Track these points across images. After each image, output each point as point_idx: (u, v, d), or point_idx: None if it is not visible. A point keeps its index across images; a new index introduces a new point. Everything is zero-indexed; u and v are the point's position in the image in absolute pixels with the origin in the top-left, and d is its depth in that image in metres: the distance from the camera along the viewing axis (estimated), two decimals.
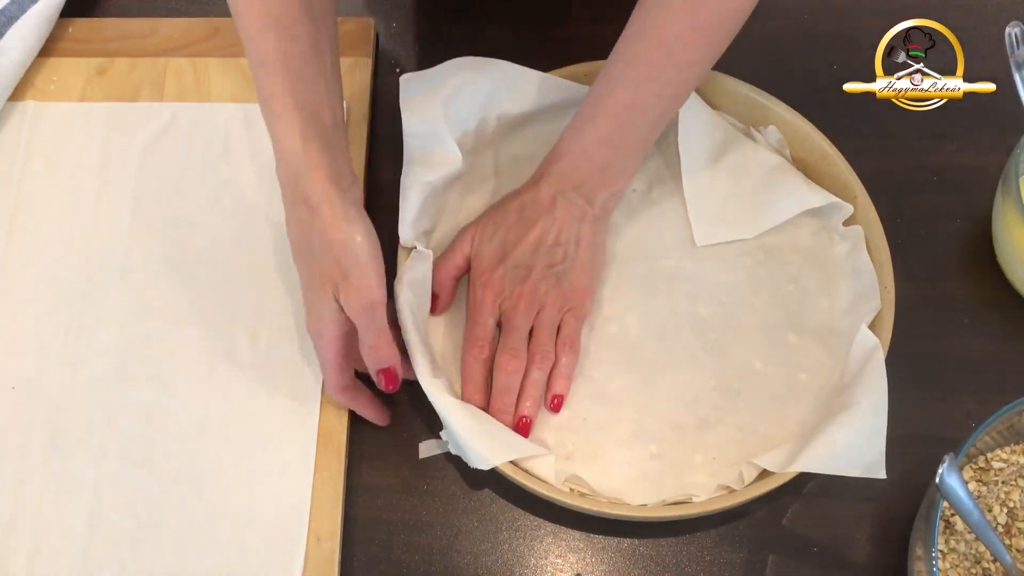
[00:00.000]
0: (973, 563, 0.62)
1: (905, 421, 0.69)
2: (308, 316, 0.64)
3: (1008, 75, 0.68)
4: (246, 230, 0.74)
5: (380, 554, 0.66)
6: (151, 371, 0.69)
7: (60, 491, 0.66)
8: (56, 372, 0.69)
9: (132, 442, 0.67)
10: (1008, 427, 0.63)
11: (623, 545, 0.67)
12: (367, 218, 0.62)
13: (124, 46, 0.80)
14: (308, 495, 0.66)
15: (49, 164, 0.76)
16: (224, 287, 0.72)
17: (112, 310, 0.71)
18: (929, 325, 0.72)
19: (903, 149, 0.78)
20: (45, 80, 0.79)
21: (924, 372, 0.71)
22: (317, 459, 0.67)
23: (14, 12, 0.77)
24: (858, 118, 0.76)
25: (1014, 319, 0.72)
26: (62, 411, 0.68)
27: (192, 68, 0.79)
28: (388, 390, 0.65)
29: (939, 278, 0.74)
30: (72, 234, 0.74)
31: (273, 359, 0.70)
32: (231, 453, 0.67)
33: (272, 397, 0.69)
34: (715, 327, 0.70)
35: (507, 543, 0.67)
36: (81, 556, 0.64)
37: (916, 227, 0.75)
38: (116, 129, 0.77)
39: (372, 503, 0.68)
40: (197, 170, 0.76)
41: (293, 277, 0.71)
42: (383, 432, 0.69)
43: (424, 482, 0.68)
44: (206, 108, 0.78)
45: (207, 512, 0.66)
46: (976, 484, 0.64)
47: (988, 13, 0.82)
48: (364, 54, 0.79)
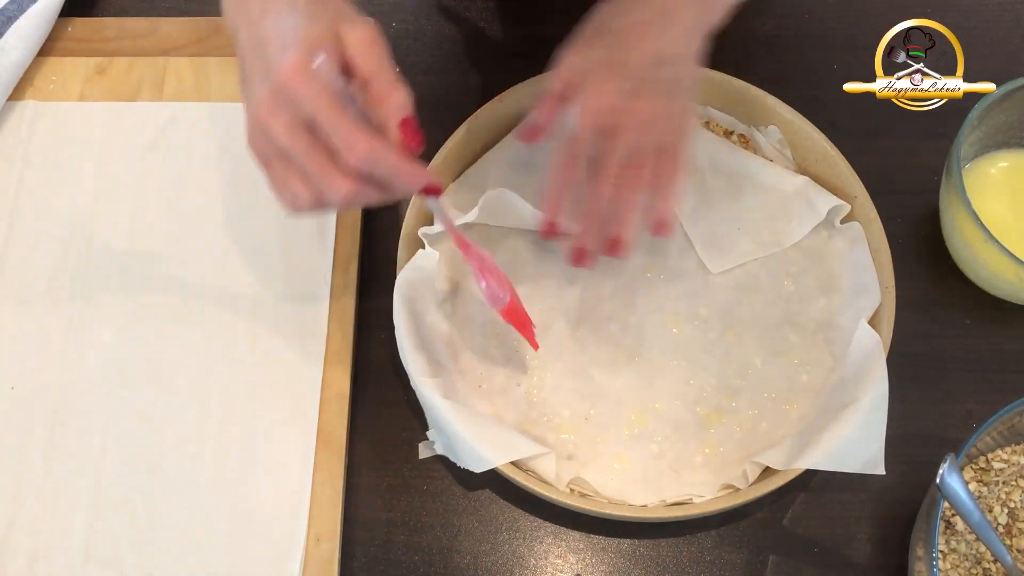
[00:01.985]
0: (973, 563, 0.62)
1: (905, 421, 0.69)
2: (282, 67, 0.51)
3: (1008, 75, 0.68)
4: (246, 230, 0.74)
5: (380, 554, 0.66)
6: (151, 371, 0.69)
7: (59, 491, 0.66)
8: (56, 372, 0.69)
9: (131, 442, 0.67)
10: (1009, 427, 0.63)
11: (623, 545, 0.67)
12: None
13: (124, 46, 0.80)
14: (307, 495, 0.66)
15: (49, 164, 0.76)
16: (224, 287, 0.72)
17: (112, 310, 0.71)
18: (929, 325, 0.72)
19: (903, 149, 0.78)
20: (45, 80, 0.79)
21: (924, 372, 0.71)
22: (317, 459, 0.67)
23: (14, 12, 0.77)
24: (858, 118, 0.76)
25: (1014, 319, 0.72)
26: (61, 411, 0.68)
27: (192, 68, 0.79)
28: (412, 147, 0.53)
29: (939, 278, 0.74)
30: (72, 234, 0.74)
31: (273, 359, 0.70)
32: (230, 453, 0.67)
33: (271, 397, 0.69)
34: (715, 326, 0.70)
35: (507, 543, 0.67)
36: (81, 556, 0.64)
37: (916, 227, 0.75)
38: (116, 129, 0.77)
39: (372, 503, 0.68)
40: (197, 170, 0.76)
41: (293, 277, 0.72)
42: (383, 432, 0.69)
43: (424, 482, 0.68)
44: (206, 108, 0.78)
45: (206, 512, 0.66)
46: (977, 484, 0.64)
47: (988, 13, 0.82)
48: None
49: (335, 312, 0.71)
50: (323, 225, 0.73)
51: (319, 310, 0.71)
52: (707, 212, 0.73)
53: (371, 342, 0.72)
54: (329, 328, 0.70)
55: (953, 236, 0.70)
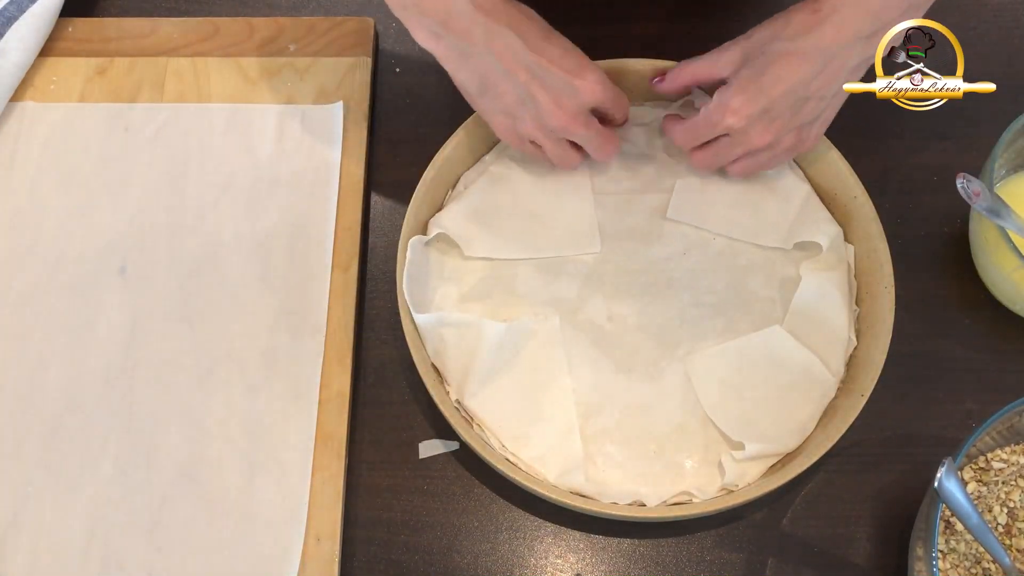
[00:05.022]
0: (973, 563, 0.62)
1: (905, 421, 0.69)
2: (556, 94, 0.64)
3: (1008, 75, 0.68)
4: (246, 230, 0.74)
5: (380, 554, 0.66)
6: (151, 371, 0.69)
7: (60, 491, 0.66)
8: (56, 372, 0.70)
9: (132, 442, 0.67)
10: (1008, 427, 0.63)
11: (623, 545, 0.67)
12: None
13: (124, 46, 0.80)
14: (306, 495, 0.66)
15: (49, 164, 0.76)
16: (224, 287, 0.72)
17: (112, 310, 0.71)
18: (929, 325, 0.72)
19: (903, 149, 0.78)
20: (45, 80, 0.79)
21: (924, 372, 0.71)
22: (317, 459, 0.67)
23: (13, 12, 0.77)
24: (858, 118, 0.76)
25: (1014, 319, 0.72)
26: (61, 411, 0.68)
27: (192, 68, 0.79)
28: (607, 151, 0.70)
29: (939, 278, 0.74)
30: (72, 234, 0.74)
31: (273, 359, 0.70)
32: (230, 453, 0.67)
33: (271, 397, 0.69)
34: (717, 325, 0.70)
35: (507, 543, 0.67)
36: (81, 556, 0.64)
37: (916, 227, 0.75)
38: (116, 129, 0.77)
39: (372, 503, 0.68)
40: (196, 170, 0.76)
41: (294, 277, 0.72)
42: (383, 432, 0.69)
43: (424, 482, 0.68)
44: (206, 108, 0.78)
45: (206, 512, 0.66)
46: (976, 484, 0.65)
47: (988, 13, 0.82)
48: (364, 54, 0.79)
49: (335, 312, 0.71)
50: (323, 225, 0.73)
51: (319, 310, 0.71)
52: (695, 185, 0.74)
53: (371, 342, 0.72)
54: (329, 328, 0.70)
55: (981, 256, 0.70)
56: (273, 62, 0.79)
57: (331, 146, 0.76)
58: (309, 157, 0.76)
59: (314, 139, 0.76)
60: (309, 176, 0.75)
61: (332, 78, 0.78)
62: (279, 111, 0.77)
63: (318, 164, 0.75)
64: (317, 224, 0.73)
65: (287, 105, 0.78)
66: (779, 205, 0.73)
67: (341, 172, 0.75)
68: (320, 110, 0.77)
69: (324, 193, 0.74)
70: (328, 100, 0.78)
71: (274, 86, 0.78)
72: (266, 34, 0.80)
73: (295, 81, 0.78)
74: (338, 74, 0.79)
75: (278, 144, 0.76)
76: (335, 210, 0.74)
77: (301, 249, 0.73)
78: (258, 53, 0.79)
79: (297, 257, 0.73)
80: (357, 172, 0.75)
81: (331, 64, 0.79)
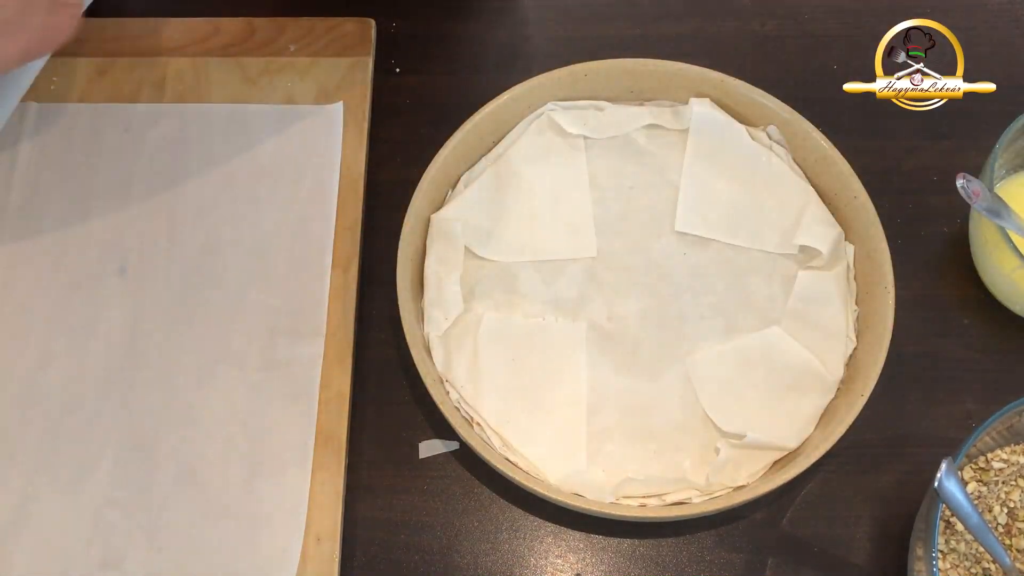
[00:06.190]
0: (973, 563, 0.62)
1: (905, 421, 0.69)
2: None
3: (1008, 75, 0.68)
4: (246, 230, 0.74)
5: (380, 554, 0.66)
6: (150, 371, 0.69)
7: (60, 491, 0.66)
8: (55, 372, 0.70)
9: (132, 442, 0.67)
10: (1008, 427, 0.63)
11: (623, 545, 0.67)
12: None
13: (124, 46, 0.80)
14: (306, 495, 0.66)
15: (49, 165, 0.76)
16: (224, 287, 0.72)
17: (112, 310, 0.71)
18: (929, 325, 0.72)
19: (903, 149, 0.78)
20: (45, 80, 0.79)
21: (924, 372, 0.71)
22: (317, 459, 0.67)
23: None
24: (858, 118, 0.76)
25: (1014, 319, 0.72)
26: (61, 411, 0.68)
27: (192, 68, 0.79)
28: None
29: (939, 278, 0.74)
30: (71, 234, 0.74)
31: (273, 359, 0.70)
32: (230, 453, 0.67)
33: (271, 397, 0.69)
34: (717, 325, 0.70)
35: (507, 543, 0.67)
36: (81, 556, 0.64)
37: (916, 227, 0.75)
38: (116, 129, 0.77)
39: (372, 503, 0.68)
40: (196, 170, 0.76)
41: (293, 277, 0.72)
42: (383, 432, 0.69)
43: (424, 482, 0.68)
44: (206, 108, 0.78)
45: (206, 512, 0.66)
46: (976, 484, 0.64)
47: (988, 13, 0.82)
48: (364, 54, 0.79)
49: (335, 312, 0.71)
50: (323, 225, 0.73)
51: (319, 310, 0.71)
52: (701, 181, 0.73)
53: (371, 342, 0.72)
54: (329, 328, 0.70)
55: (981, 256, 0.70)
56: (273, 62, 0.79)
57: (331, 146, 0.76)
58: (309, 157, 0.76)
59: (314, 139, 0.76)
60: (309, 176, 0.75)
61: (332, 78, 0.78)
62: (279, 111, 0.77)
63: (318, 164, 0.75)
64: (317, 224, 0.73)
65: (287, 105, 0.78)
66: (780, 206, 0.73)
67: (341, 172, 0.75)
68: (320, 110, 0.77)
69: (324, 193, 0.74)
70: (328, 100, 0.78)
71: (274, 86, 0.78)
72: (266, 34, 0.80)
73: (295, 81, 0.78)
74: (338, 74, 0.79)
75: (278, 144, 0.76)
76: (335, 210, 0.74)
77: (301, 249, 0.73)
78: (258, 53, 0.79)
79: (297, 257, 0.73)
80: (357, 172, 0.75)
81: (331, 64, 0.79)
